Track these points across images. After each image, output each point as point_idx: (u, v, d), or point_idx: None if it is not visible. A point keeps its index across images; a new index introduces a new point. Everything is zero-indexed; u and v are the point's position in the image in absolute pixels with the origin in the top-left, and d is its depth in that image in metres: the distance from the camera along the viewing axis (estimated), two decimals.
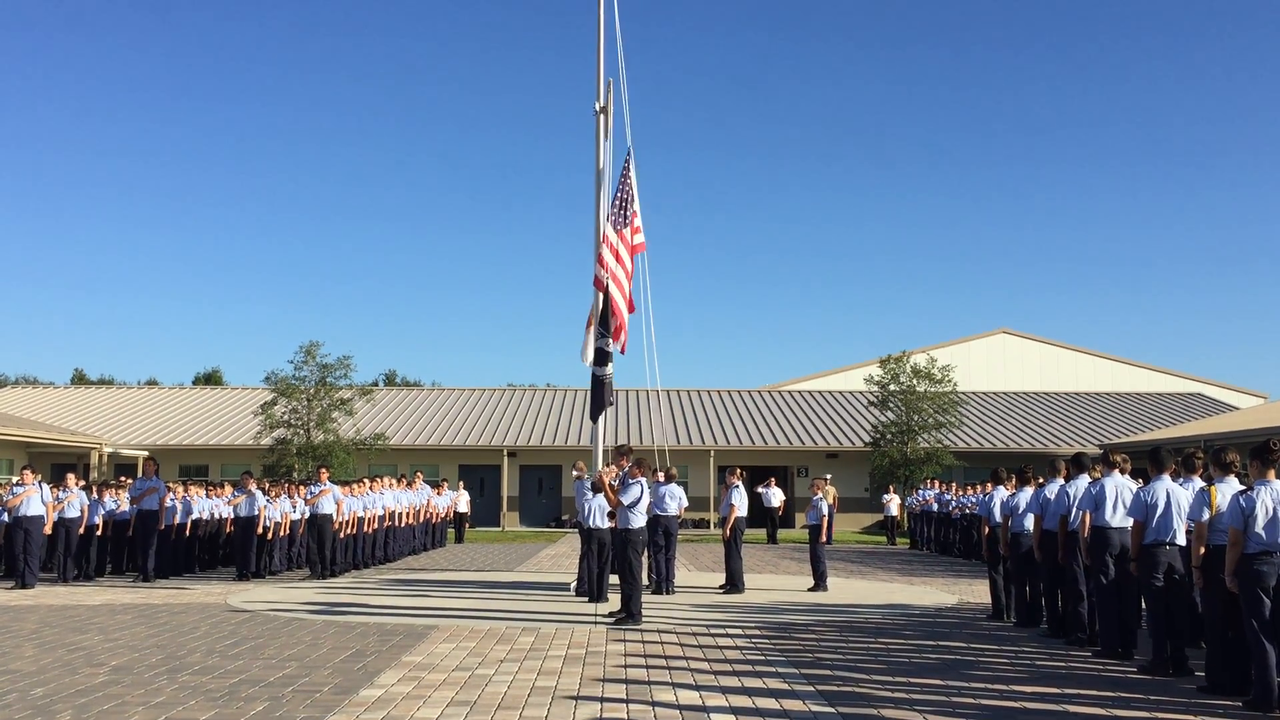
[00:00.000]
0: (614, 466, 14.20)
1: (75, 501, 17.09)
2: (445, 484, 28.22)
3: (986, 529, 13.36)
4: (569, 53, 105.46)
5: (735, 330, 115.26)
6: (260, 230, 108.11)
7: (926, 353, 40.19)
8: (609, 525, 13.34)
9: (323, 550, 17.48)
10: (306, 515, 18.16)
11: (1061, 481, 10.97)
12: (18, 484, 16.61)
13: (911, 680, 8.46)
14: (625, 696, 7.78)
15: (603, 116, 16.17)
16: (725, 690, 8.03)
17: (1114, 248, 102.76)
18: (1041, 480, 11.69)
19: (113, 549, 18.45)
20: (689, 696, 7.78)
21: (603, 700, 7.65)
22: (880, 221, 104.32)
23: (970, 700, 7.72)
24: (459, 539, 29.30)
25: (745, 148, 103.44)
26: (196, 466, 38.48)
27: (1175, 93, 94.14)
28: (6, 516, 16.50)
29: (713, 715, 7.18)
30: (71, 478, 17.60)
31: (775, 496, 30.34)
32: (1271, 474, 7.69)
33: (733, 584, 15.49)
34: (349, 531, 18.52)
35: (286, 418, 33.53)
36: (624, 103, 15.86)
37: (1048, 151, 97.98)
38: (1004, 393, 47.89)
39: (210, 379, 74.10)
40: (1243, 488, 7.97)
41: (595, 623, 11.87)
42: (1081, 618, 10.52)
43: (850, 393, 46.02)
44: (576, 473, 16.21)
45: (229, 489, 20.64)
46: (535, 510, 39.93)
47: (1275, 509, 7.54)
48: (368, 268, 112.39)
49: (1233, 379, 57.09)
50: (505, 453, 38.67)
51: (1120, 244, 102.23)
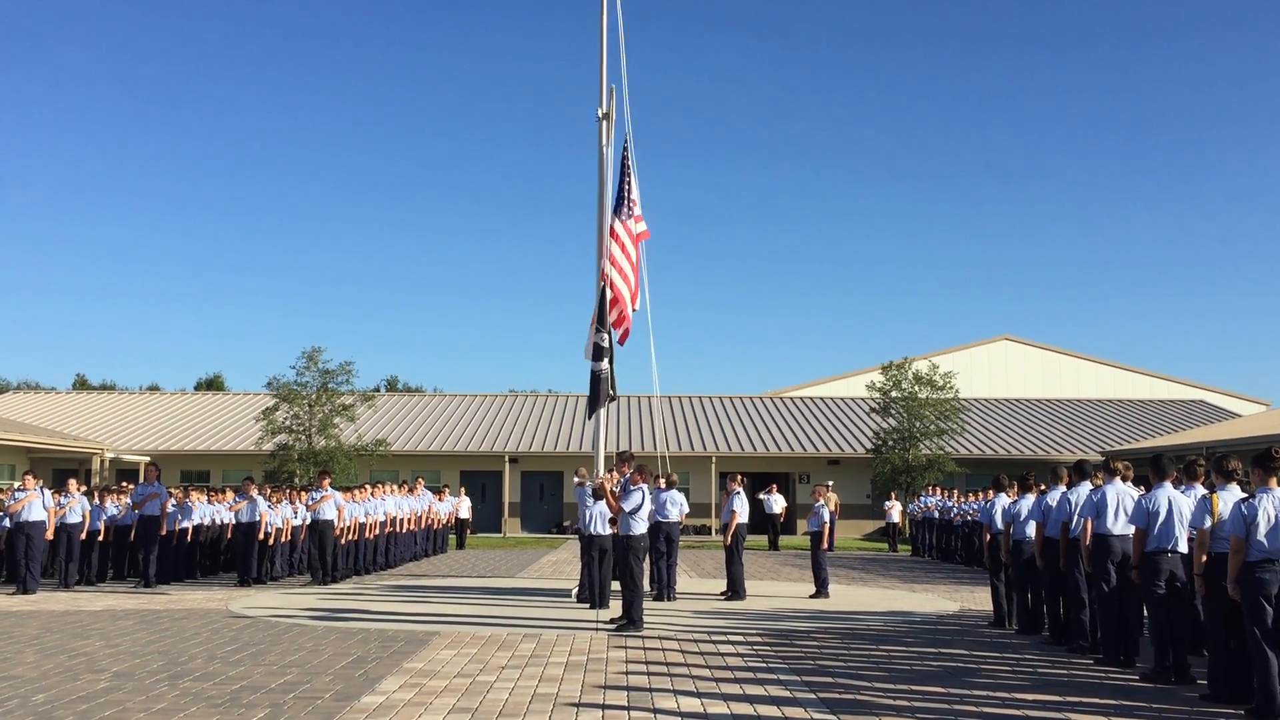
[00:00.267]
0: (615, 473, 14.21)
1: (77, 507, 17.10)
2: (447, 490, 28.18)
3: (988, 536, 13.36)
4: (571, 59, 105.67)
5: (737, 336, 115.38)
6: (262, 236, 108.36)
7: (928, 359, 40.27)
8: (610, 531, 13.34)
9: (324, 556, 17.49)
10: (308, 521, 18.16)
11: (1063, 488, 10.96)
12: (19, 489, 16.62)
13: (913, 688, 8.46)
14: (627, 704, 7.78)
15: (605, 123, 16.19)
16: (727, 697, 8.02)
17: (1116, 254, 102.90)
18: (1043, 487, 11.69)
19: (114, 554, 18.45)
20: (691, 704, 7.77)
21: (604, 707, 7.65)
22: (882, 228, 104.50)
23: (972, 708, 7.72)
24: (460, 545, 29.28)
25: (747, 153, 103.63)
26: (198, 472, 38.48)
27: (1178, 99, 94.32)
28: (8, 522, 16.51)
29: None
30: (73, 483, 17.60)
31: (777, 503, 30.31)
32: (1273, 482, 7.69)
33: (734, 591, 15.48)
34: (350, 537, 18.51)
35: (288, 423, 33.56)
36: (625, 101, 15.88)
37: (1050, 157, 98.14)
38: (1006, 399, 47.89)
39: (212, 384, 74.11)
40: (1245, 495, 7.97)
41: (597, 629, 11.87)
42: (1083, 625, 10.51)
43: (852, 399, 46.03)
44: (578, 479, 16.21)
45: (230, 494, 20.65)
46: (536, 516, 39.92)
47: (1277, 517, 7.53)
48: (370, 273, 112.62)
49: (1235, 386, 56.99)
50: (507, 458, 38.69)
51: (1122, 251, 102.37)
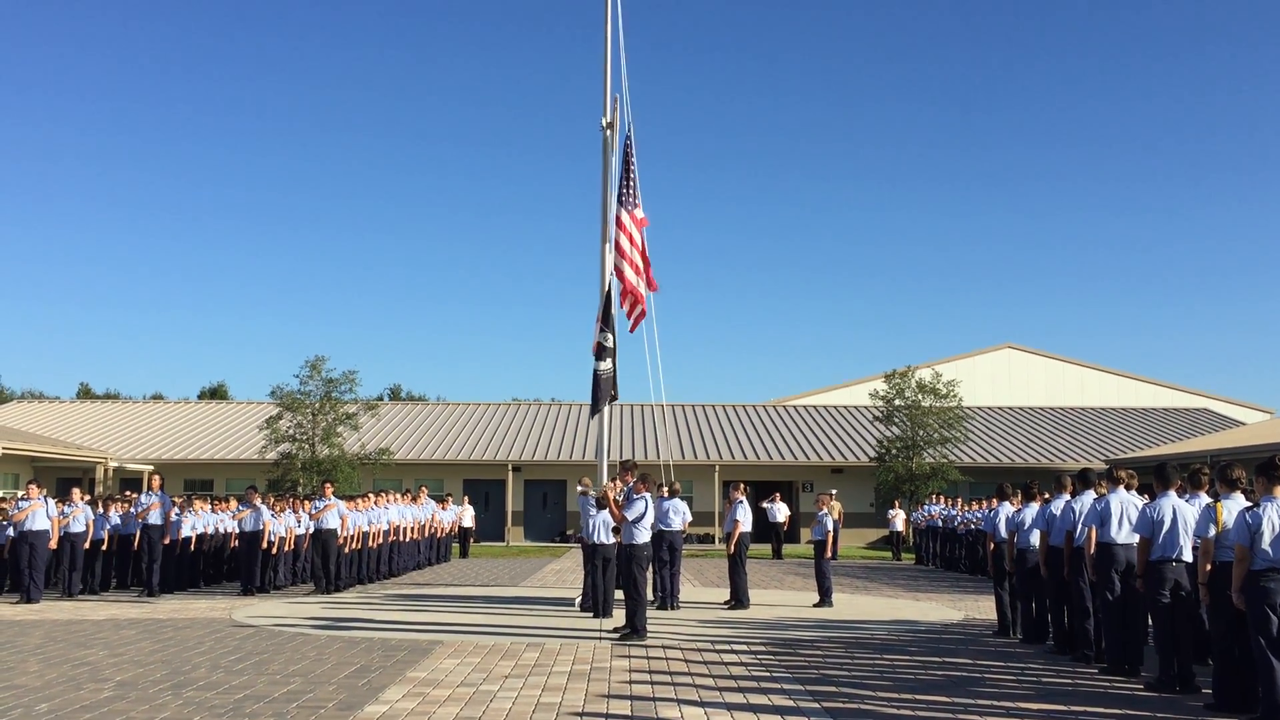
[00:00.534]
0: (618, 481, 14.22)
1: (80, 516, 17.11)
2: (450, 499, 28.19)
3: (992, 544, 13.35)
4: (575, 68, 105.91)
5: (740, 345, 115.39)
6: (266, 245, 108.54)
7: (932, 367, 40.24)
8: (613, 540, 13.33)
9: (327, 565, 17.49)
10: (311, 530, 18.16)
11: (1067, 497, 10.95)
12: (23, 498, 16.63)
13: (917, 697, 8.44)
14: (630, 713, 7.77)
15: (609, 132, 16.22)
16: (730, 707, 8.01)
17: (1120, 262, 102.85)
18: (1047, 496, 11.68)
19: (118, 563, 18.45)
20: (694, 713, 7.76)
21: (608, 717, 7.64)
22: (885, 236, 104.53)
23: (976, 717, 7.70)
24: (463, 554, 29.29)
25: (751, 162, 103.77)
26: (202, 481, 38.52)
27: (1181, 105, 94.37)
28: (12, 531, 16.52)
29: None
30: (77, 492, 17.59)
31: (780, 512, 30.32)
32: (1278, 490, 7.67)
33: (737, 599, 15.46)
34: (354, 546, 18.52)
35: (291, 432, 33.57)
36: (624, 87, 15.92)
37: (1053, 165, 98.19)
38: (1009, 408, 47.83)
39: (215, 393, 74.24)
40: (1249, 504, 7.96)
41: (600, 638, 11.85)
42: (1088, 634, 10.48)
43: (855, 408, 45.97)
44: (581, 488, 16.20)
45: (234, 503, 20.65)
46: (540, 525, 39.88)
47: None
48: (373, 282, 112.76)
49: (1239, 394, 56.88)
50: (510, 467, 38.66)
51: (1126, 258, 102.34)
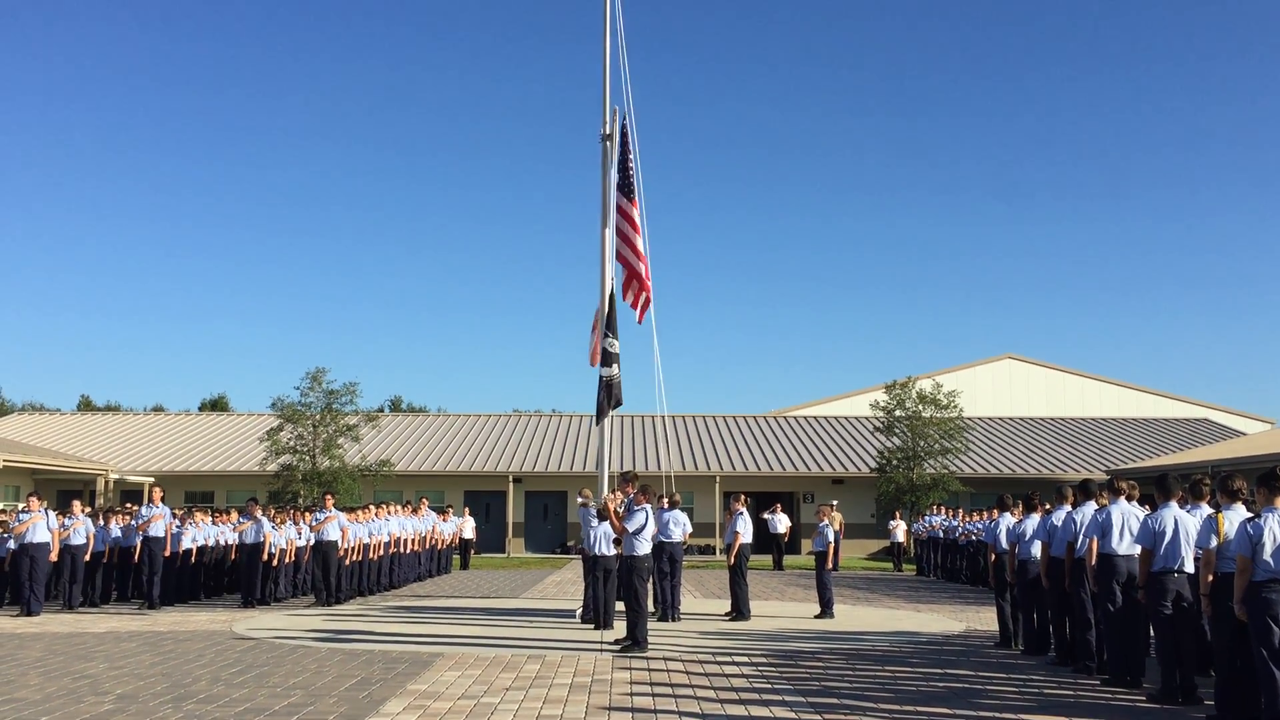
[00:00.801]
0: (619, 493, 14.20)
1: (81, 528, 17.10)
2: (450, 510, 28.17)
3: (993, 556, 13.34)
4: (579, 79, 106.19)
5: (741, 356, 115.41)
6: (267, 257, 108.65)
7: (932, 378, 40.29)
8: (614, 552, 13.32)
9: (328, 577, 17.47)
10: (312, 542, 18.14)
11: (1068, 508, 10.94)
12: (24, 510, 16.63)
13: (919, 709, 8.43)
14: None
15: (608, 143, 16.26)
16: (731, 719, 7.99)
17: (1121, 273, 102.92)
18: (1048, 507, 11.67)
19: (118, 576, 18.45)
20: None
21: None
22: (886, 246, 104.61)
23: None
24: (464, 565, 29.24)
25: (750, 171, 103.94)
26: (202, 493, 38.50)
27: (1181, 115, 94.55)
28: (13, 543, 16.52)
29: None
30: (77, 504, 17.60)
31: (781, 523, 30.28)
32: (1279, 501, 7.67)
33: (738, 611, 15.44)
34: (354, 558, 18.50)
35: (292, 444, 33.58)
36: (627, 105, 15.95)
37: (1054, 176, 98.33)
38: (1010, 418, 47.81)
39: (216, 405, 74.18)
40: (1250, 515, 7.95)
41: (601, 650, 11.84)
42: (1090, 645, 10.46)
43: (856, 418, 45.98)
44: (582, 500, 16.20)
45: (234, 515, 20.64)
46: (540, 536, 39.85)
47: None
48: (374, 294, 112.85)
49: (1240, 404, 57.03)
50: (511, 478, 38.65)
51: (1127, 269, 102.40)
